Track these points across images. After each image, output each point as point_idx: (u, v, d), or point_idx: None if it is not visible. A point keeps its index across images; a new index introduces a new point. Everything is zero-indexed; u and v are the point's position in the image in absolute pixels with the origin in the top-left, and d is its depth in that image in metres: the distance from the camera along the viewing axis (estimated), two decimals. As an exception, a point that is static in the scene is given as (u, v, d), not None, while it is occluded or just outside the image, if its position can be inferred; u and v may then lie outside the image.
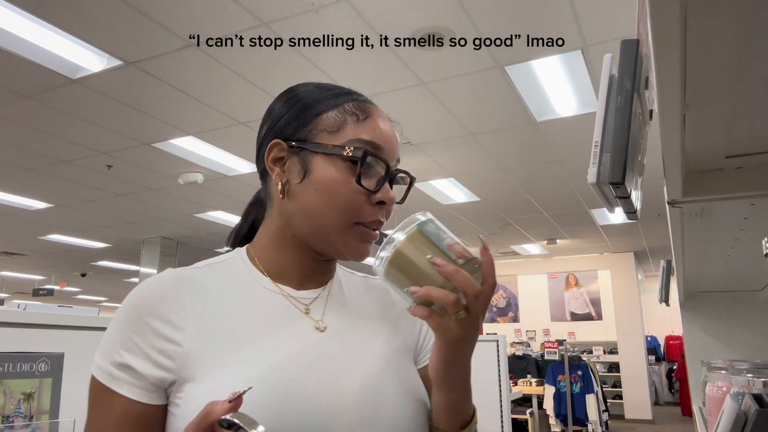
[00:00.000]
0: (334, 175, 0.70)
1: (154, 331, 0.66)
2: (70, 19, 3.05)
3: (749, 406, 0.80)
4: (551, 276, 11.53)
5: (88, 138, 4.69)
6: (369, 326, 0.77)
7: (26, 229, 7.91)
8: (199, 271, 0.73)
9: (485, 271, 0.63)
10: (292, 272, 0.75)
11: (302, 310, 0.73)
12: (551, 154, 5.21)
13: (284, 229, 0.74)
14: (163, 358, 0.65)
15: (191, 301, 0.68)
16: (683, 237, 1.26)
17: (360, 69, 3.63)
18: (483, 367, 3.10)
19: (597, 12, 3.03)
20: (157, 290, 0.69)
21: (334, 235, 0.71)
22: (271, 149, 0.74)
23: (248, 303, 0.71)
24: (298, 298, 0.74)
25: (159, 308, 0.67)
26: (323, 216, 0.70)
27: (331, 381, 0.67)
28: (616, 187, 0.60)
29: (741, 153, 0.88)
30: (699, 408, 2.06)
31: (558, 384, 6.86)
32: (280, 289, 0.74)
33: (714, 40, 0.56)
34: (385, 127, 0.75)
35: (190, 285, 0.70)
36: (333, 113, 0.73)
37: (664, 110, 0.62)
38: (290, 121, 0.74)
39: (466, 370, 0.68)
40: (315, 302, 0.75)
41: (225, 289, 0.72)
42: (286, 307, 0.72)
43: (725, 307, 2.46)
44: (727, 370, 1.16)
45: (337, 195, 0.70)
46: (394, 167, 0.75)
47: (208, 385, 0.63)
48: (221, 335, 0.67)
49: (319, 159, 0.71)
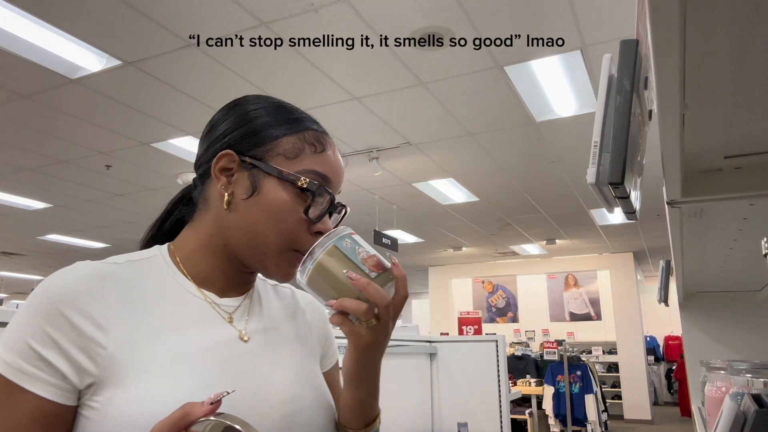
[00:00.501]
0: (284, 201, 0.71)
1: (74, 326, 0.62)
2: (69, 18, 3.05)
3: (748, 407, 0.80)
4: (550, 276, 11.54)
5: (87, 138, 4.69)
6: (285, 336, 0.79)
7: (25, 229, 7.90)
8: (119, 267, 0.69)
9: (397, 284, 0.67)
10: (217, 280, 0.75)
11: (225, 318, 0.73)
12: (550, 155, 5.21)
13: (217, 238, 0.74)
14: (84, 358, 0.62)
15: (115, 299, 0.65)
16: (682, 237, 1.26)
17: (359, 69, 3.63)
18: (482, 367, 3.10)
19: (596, 12, 3.03)
20: (78, 283, 0.64)
21: (270, 256, 0.72)
22: (221, 158, 0.73)
23: (173, 307, 0.69)
24: (221, 306, 0.74)
25: (80, 302, 0.63)
26: (264, 237, 0.71)
27: (257, 392, 0.68)
28: (616, 188, 0.60)
29: (740, 153, 0.88)
30: (698, 408, 2.06)
31: (557, 384, 6.86)
32: (204, 295, 0.73)
33: (713, 41, 0.56)
34: (336, 161, 0.77)
35: (112, 282, 0.67)
36: (292, 139, 0.74)
37: (663, 110, 0.62)
38: (247, 136, 0.74)
39: (375, 372, 0.73)
40: (237, 311, 0.75)
41: (149, 290, 0.69)
42: (210, 315, 0.72)
43: (724, 308, 2.46)
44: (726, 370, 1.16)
45: (283, 221, 0.71)
46: (337, 202, 0.77)
47: (132, 391, 0.61)
48: (146, 339, 0.65)
49: (272, 181, 0.71)
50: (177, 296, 0.71)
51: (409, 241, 9.08)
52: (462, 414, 3.09)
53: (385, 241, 6.54)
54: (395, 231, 8.19)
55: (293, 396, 0.72)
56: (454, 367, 3.18)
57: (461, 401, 3.12)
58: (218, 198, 0.73)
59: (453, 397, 3.14)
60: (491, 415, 3.03)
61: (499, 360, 3.08)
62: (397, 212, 7.31)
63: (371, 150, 5.07)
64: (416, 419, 3.01)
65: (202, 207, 0.76)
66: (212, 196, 0.75)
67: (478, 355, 3.12)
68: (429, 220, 7.84)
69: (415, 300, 17.38)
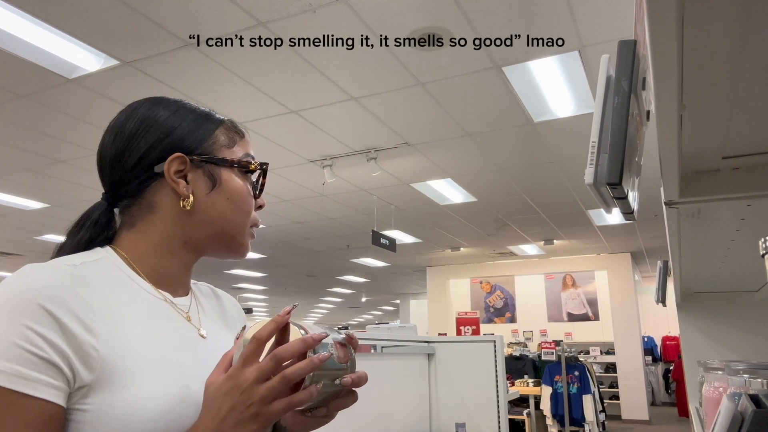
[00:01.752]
0: (241, 186, 0.78)
1: (63, 325, 0.60)
2: (66, 18, 3.04)
3: (746, 407, 0.80)
4: (548, 276, 11.54)
5: (84, 138, 4.68)
6: (226, 331, 0.84)
7: (22, 229, 7.88)
8: (76, 268, 0.67)
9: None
10: (170, 279, 0.77)
11: (184, 316, 0.76)
12: (548, 155, 5.21)
13: (174, 238, 0.76)
14: (77, 360, 0.60)
15: (92, 301, 0.64)
16: (680, 238, 1.26)
17: (358, 69, 3.62)
18: (480, 368, 3.10)
19: (594, 13, 3.03)
20: (58, 281, 0.62)
21: (238, 237, 0.78)
22: (172, 162, 0.74)
23: (142, 308, 0.70)
24: (178, 305, 0.76)
25: (65, 301, 0.61)
26: (232, 222, 0.77)
27: None
28: (613, 188, 0.60)
29: (738, 154, 0.88)
30: (695, 408, 2.06)
31: (555, 384, 6.87)
32: (162, 296, 0.75)
33: (711, 41, 0.56)
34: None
35: (86, 282, 0.65)
36: (222, 130, 0.80)
37: (661, 111, 0.62)
38: (186, 137, 0.76)
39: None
40: (190, 309, 0.78)
41: (115, 292, 0.69)
42: (173, 314, 0.74)
43: (722, 308, 2.46)
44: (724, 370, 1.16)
45: (246, 203, 0.78)
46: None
47: (130, 392, 0.61)
48: (131, 340, 0.65)
49: (227, 172, 0.77)
50: (140, 297, 0.71)
51: (407, 241, 9.08)
52: (460, 414, 3.09)
53: (383, 241, 6.54)
54: (393, 231, 8.19)
55: None
56: (452, 367, 3.18)
57: (459, 401, 3.12)
58: (171, 200, 0.75)
59: (451, 398, 3.14)
60: (489, 415, 3.03)
61: (497, 360, 3.08)
62: (396, 212, 7.30)
63: (369, 150, 5.06)
64: (414, 419, 3.01)
65: (146, 212, 0.76)
66: (160, 200, 0.75)
67: (476, 355, 3.12)
68: (427, 221, 7.84)
69: (414, 300, 17.37)
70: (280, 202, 6.77)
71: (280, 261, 10.80)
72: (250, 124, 4.43)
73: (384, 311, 24.09)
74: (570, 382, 6.86)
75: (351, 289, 15.84)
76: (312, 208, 7.12)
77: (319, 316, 24.58)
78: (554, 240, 9.17)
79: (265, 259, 10.58)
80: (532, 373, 7.50)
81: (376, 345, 2.71)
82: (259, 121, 4.41)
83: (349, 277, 13.31)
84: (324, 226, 8.03)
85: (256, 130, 4.55)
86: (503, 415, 3.01)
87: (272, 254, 10.02)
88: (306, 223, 7.83)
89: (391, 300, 18.95)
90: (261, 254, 10.01)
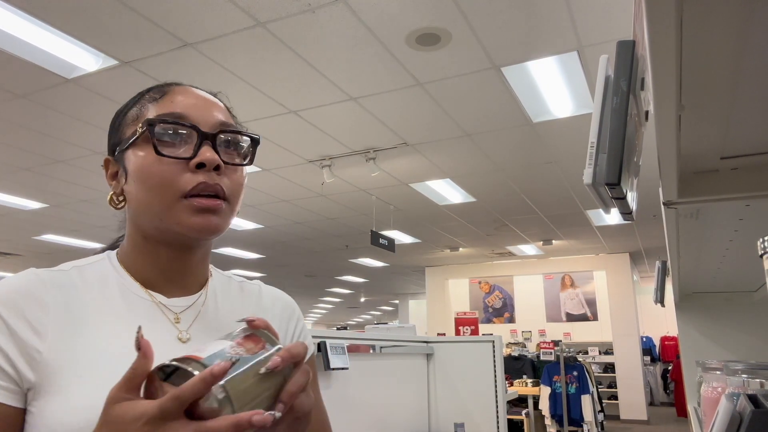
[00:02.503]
0: (141, 160, 0.69)
1: (11, 329, 0.61)
2: (65, 18, 3.04)
3: (744, 407, 0.80)
4: (547, 277, 11.55)
5: (83, 137, 4.68)
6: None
7: (21, 229, 7.87)
8: (64, 274, 0.69)
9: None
10: (158, 278, 0.73)
11: (171, 318, 0.71)
12: (547, 155, 5.22)
13: (136, 234, 0.74)
14: (23, 362, 0.61)
15: (54, 304, 0.65)
16: (678, 238, 1.26)
17: (356, 69, 3.62)
18: (479, 368, 3.10)
19: (593, 13, 3.04)
20: (17, 287, 0.64)
21: (164, 217, 0.68)
22: (105, 168, 0.76)
23: (115, 310, 0.68)
24: (168, 306, 0.72)
25: (17, 305, 0.63)
26: (149, 203, 0.69)
27: None
28: (612, 188, 0.60)
29: (736, 154, 0.88)
30: (694, 408, 2.06)
31: (554, 384, 6.87)
32: (151, 296, 0.72)
33: (710, 42, 0.56)
34: (185, 97, 0.74)
35: (55, 288, 0.67)
36: (134, 109, 0.74)
37: (659, 111, 0.62)
38: (111, 134, 0.77)
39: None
40: (187, 311, 0.73)
41: (93, 295, 0.69)
42: (154, 316, 0.70)
43: (720, 308, 2.46)
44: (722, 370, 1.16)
45: (149, 176, 0.68)
46: (217, 130, 0.72)
47: (64, 397, 0.59)
48: (82, 345, 0.63)
49: (128, 153, 0.71)
50: (121, 298, 0.70)
51: (406, 241, 9.08)
52: (459, 414, 3.09)
53: (382, 241, 6.54)
54: (392, 231, 8.19)
55: None
56: (451, 367, 3.18)
57: (458, 402, 3.12)
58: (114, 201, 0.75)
59: (450, 398, 3.14)
60: (488, 415, 3.03)
61: (496, 360, 3.08)
62: (394, 213, 7.30)
63: (368, 150, 5.06)
64: (413, 419, 3.01)
65: (125, 214, 0.78)
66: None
67: (475, 355, 3.12)
68: (426, 221, 7.84)
69: (412, 300, 17.38)
70: (279, 202, 6.77)
71: (279, 261, 10.80)
72: (249, 124, 4.43)
73: (383, 311, 24.09)
74: (569, 382, 6.86)
75: (350, 290, 15.84)
76: (311, 208, 7.12)
77: (318, 316, 24.57)
78: (553, 240, 9.18)
79: (263, 259, 10.57)
80: (531, 373, 7.50)
81: (375, 345, 2.71)
82: (258, 121, 4.41)
83: (348, 278, 13.31)
84: (323, 226, 8.03)
85: (255, 130, 4.54)
86: (502, 415, 3.01)
87: (271, 254, 10.02)
88: (305, 223, 7.83)
89: (390, 300, 18.95)
90: (260, 254, 10.01)
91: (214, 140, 0.70)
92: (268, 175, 5.74)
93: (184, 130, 0.70)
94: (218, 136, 0.71)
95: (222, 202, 0.69)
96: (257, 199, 6.64)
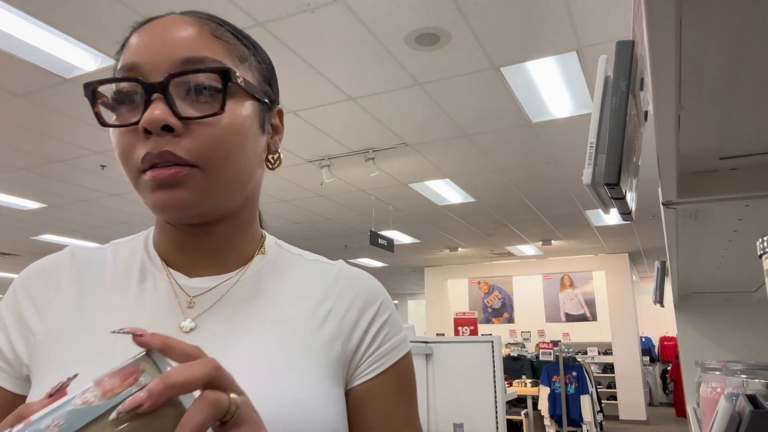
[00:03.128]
0: (114, 133, 0.57)
1: (20, 308, 0.59)
2: (64, 18, 3.03)
3: (743, 407, 0.80)
4: (546, 277, 11.56)
5: (81, 137, 4.67)
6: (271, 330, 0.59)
7: (19, 229, 7.86)
8: (100, 251, 0.65)
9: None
10: (179, 256, 0.63)
11: (185, 303, 0.60)
12: (546, 155, 5.22)
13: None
14: (21, 344, 0.57)
15: (67, 283, 0.61)
16: (678, 238, 1.26)
17: (355, 69, 3.62)
18: (478, 368, 3.10)
19: (592, 13, 3.04)
20: (40, 265, 0.62)
21: (140, 194, 0.57)
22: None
23: (126, 290, 0.61)
24: (186, 288, 0.61)
25: (30, 284, 0.60)
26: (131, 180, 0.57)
27: None
28: (611, 188, 0.60)
29: (736, 154, 0.88)
30: (693, 409, 2.06)
31: (553, 385, 6.87)
32: (170, 276, 0.62)
33: (709, 42, 0.56)
34: (138, 38, 0.57)
35: (80, 265, 0.62)
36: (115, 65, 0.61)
37: (659, 111, 0.62)
38: None
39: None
40: (209, 294, 0.61)
41: (112, 274, 0.63)
42: (162, 300, 0.60)
43: (719, 308, 2.46)
44: (721, 370, 1.16)
45: (119, 150, 0.56)
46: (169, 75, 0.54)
47: (40, 387, 0.54)
48: (77, 330, 0.58)
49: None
50: (138, 279, 0.62)
51: (405, 241, 9.08)
52: (458, 415, 3.09)
53: (381, 241, 6.54)
54: (391, 231, 8.19)
55: None
56: (450, 367, 3.18)
57: (457, 402, 3.12)
58: None
59: (449, 398, 3.14)
60: (487, 415, 3.03)
61: (495, 361, 3.08)
62: (394, 213, 7.30)
63: (367, 150, 5.06)
64: (412, 420, 3.01)
65: None
66: None
67: (474, 355, 3.12)
68: (425, 221, 7.84)
69: (411, 300, 17.38)
70: (278, 202, 6.76)
71: (278, 261, 10.78)
72: (248, 124, 4.43)
73: (382, 311, 24.07)
74: (568, 382, 6.86)
75: (349, 290, 15.82)
76: (310, 209, 7.12)
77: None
78: (552, 240, 9.18)
79: (263, 260, 10.56)
80: (530, 374, 7.51)
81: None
82: (257, 121, 4.41)
83: (347, 278, 13.29)
84: (322, 226, 8.02)
85: (254, 130, 4.54)
86: (501, 416, 3.01)
87: (270, 254, 10.00)
88: (304, 223, 7.83)
89: (389, 300, 18.92)
90: (259, 254, 10.00)
91: (165, 91, 0.54)
92: (267, 175, 5.72)
93: (128, 86, 0.55)
94: (169, 85, 0.54)
95: (185, 168, 0.54)
96: (256, 200, 6.64)
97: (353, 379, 0.62)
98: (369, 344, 0.64)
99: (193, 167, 0.54)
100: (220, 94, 0.55)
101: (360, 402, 0.62)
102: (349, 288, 0.67)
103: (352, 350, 0.63)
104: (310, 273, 0.68)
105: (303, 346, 0.59)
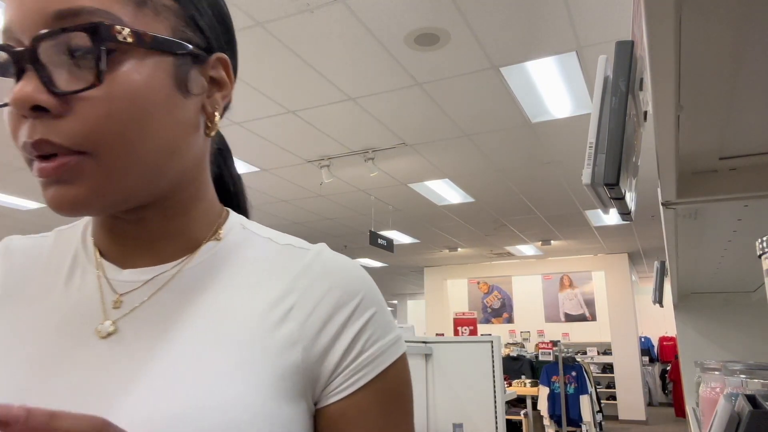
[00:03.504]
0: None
1: None
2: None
3: (743, 407, 0.80)
4: (545, 277, 11.56)
5: (81, 138, 4.67)
6: (210, 332, 0.48)
7: (18, 229, 7.86)
8: (42, 239, 0.57)
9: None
10: (112, 244, 0.53)
11: (110, 301, 0.50)
12: (546, 156, 5.22)
13: None
14: None
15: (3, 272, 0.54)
16: (677, 238, 1.26)
17: (355, 69, 3.62)
18: (477, 368, 3.10)
19: (591, 14, 3.04)
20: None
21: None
22: None
23: (51, 285, 0.52)
24: (115, 283, 0.51)
25: None
26: None
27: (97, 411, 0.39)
28: (611, 189, 0.60)
29: (735, 154, 0.88)
30: (692, 409, 2.06)
31: (552, 385, 6.88)
32: (101, 269, 0.52)
33: (708, 42, 0.56)
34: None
35: (10, 259, 0.56)
36: None
37: (658, 112, 0.62)
38: None
39: None
40: (141, 289, 0.50)
41: (43, 265, 0.54)
42: (88, 298, 0.51)
43: (718, 308, 2.47)
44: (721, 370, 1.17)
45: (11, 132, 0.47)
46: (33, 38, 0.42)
47: None
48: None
49: None
50: (67, 270, 0.53)
51: (404, 241, 9.08)
52: (457, 415, 3.09)
53: (380, 241, 6.54)
54: (391, 232, 8.19)
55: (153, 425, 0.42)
56: (450, 367, 3.18)
57: (456, 402, 3.12)
58: None
59: (448, 398, 3.14)
60: (486, 415, 3.03)
61: (495, 361, 3.09)
62: (393, 213, 7.30)
63: (367, 151, 5.06)
64: (411, 420, 3.01)
65: None
66: None
67: (474, 355, 3.13)
68: (425, 221, 7.85)
69: (411, 301, 17.38)
70: (278, 202, 6.76)
71: (278, 261, 10.78)
72: (248, 124, 4.43)
73: (381, 312, 24.07)
74: (567, 382, 6.87)
75: (348, 290, 15.82)
76: (309, 209, 7.12)
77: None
78: (551, 240, 9.19)
79: (262, 260, 10.56)
80: (530, 374, 7.51)
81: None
82: (256, 121, 4.41)
83: (347, 278, 13.29)
84: (321, 226, 8.03)
85: (254, 130, 4.54)
86: (500, 416, 3.01)
87: (270, 254, 10.00)
88: (303, 223, 7.83)
89: (388, 300, 18.96)
90: (258, 254, 10.00)
91: (36, 59, 0.42)
92: (266, 175, 5.74)
93: (5, 56, 0.43)
94: (39, 51, 0.42)
95: (72, 158, 0.43)
96: (255, 200, 6.64)
97: (325, 396, 0.50)
98: (345, 352, 0.50)
99: (81, 154, 0.43)
100: (97, 57, 0.42)
101: (335, 425, 0.50)
102: (321, 279, 0.52)
103: (319, 358, 0.49)
104: (277, 260, 0.54)
105: (250, 352, 0.47)
